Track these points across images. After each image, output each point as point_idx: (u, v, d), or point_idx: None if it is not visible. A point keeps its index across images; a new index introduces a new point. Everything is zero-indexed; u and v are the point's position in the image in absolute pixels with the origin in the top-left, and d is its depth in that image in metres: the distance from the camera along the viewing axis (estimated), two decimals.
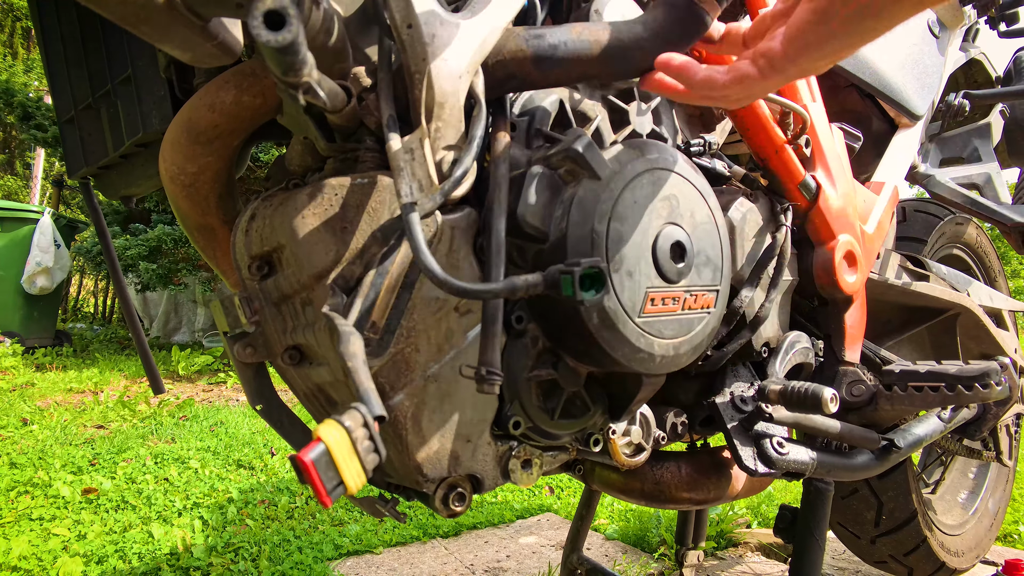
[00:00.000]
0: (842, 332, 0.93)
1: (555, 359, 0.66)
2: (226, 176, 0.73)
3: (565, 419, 0.67)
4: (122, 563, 1.73)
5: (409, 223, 0.52)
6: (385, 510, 0.70)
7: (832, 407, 0.73)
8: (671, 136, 0.82)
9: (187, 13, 0.48)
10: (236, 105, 0.66)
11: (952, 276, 1.29)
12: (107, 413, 3.31)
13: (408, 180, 0.55)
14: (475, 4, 0.61)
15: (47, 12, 0.89)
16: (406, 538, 1.95)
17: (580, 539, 1.41)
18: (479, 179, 0.63)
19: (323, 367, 0.62)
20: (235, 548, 1.81)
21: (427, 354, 0.60)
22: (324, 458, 0.38)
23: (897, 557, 1.40)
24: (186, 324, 6.51)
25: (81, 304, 9.61)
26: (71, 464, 2.43)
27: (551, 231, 0.62)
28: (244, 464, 2.58)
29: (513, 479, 0.66)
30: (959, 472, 1.71)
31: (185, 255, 5.13)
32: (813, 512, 0.96)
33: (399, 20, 0.56)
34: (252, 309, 0.66)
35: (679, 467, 0.87)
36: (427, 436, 0.61)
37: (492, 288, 0.51)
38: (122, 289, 1.12)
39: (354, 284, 0.57)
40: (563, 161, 0.62)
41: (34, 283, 5.24)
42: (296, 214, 0.58)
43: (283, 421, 0.72)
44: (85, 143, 0.91)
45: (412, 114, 0.59)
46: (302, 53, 0.42)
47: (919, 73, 1.20)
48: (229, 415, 3.34)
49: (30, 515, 1.97)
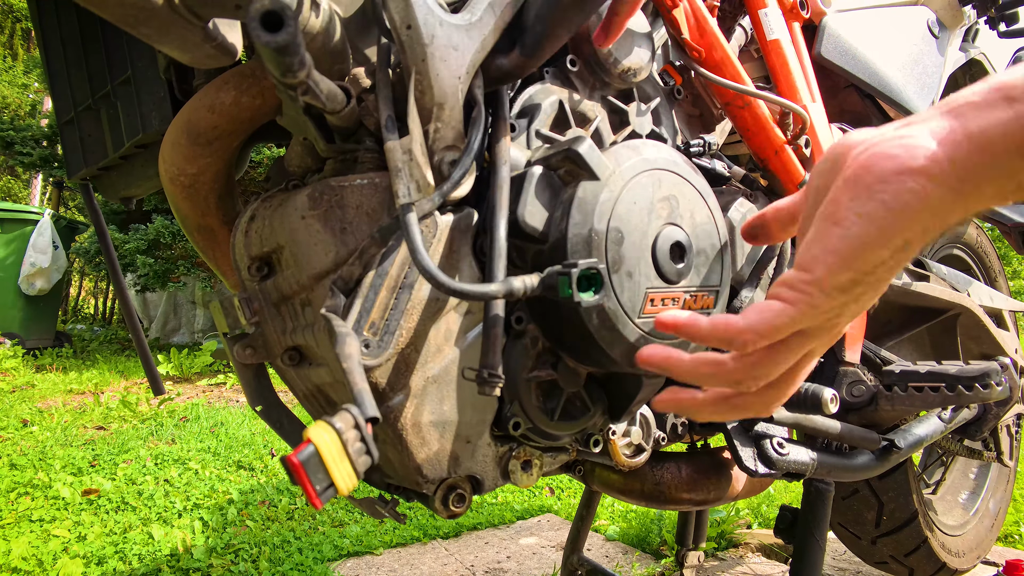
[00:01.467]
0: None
1: (555, 360, 0.66)
2: (226, 177, 0.73)
3: (565, 420, 0.67)
4: (122, 564, 1.73)
5: (407, 224, 0.52)
6: (385, 511, 0.70)
7: (832, 407, 0.72)
8: (671, 137, 0.82)
9: (186, 14, 0.48)
10: (235, 106, 0.66)
11: (952, 276, 1.29)
12: (107, 414, 3.31)
13: (406, 181, 0.55)
14: (473, 5, 0.61)
15: (47, 13, 0.89)
16: (406, 539, 1.95)
17: (580, 540, 1.41)
18: (478, 180, 0.63)
19: (322, 368, 0.62)
20: (235, 549, 1.80)
21: (426, 355, 0.60)
22: (314, 459, 0.38)
23: (898, 558, 1.40)
24: (185, 325, 6.51)
25: (81, 305, 9.61)
26: (71, 465, 2.43)
27: (551, 232, 0.62)
28: (244, 465, 2.58)
29: (513, 480, 0.66)
30: (960, 472, 1.71)
31: (183, 251, 5.14)
32: (813, 513, 0.96)
33: (398, 21, 0.56)
34: (252, 310, 0.66)
35: (679, 468, 0.87)
36: (427, 437, 0.61)
37: (490, 290, 0.51)
38: (122, 290, 1.12)
39: (353, 285, 0.57)
40: (563, 162, 0.62)
41: (31, 284, 5.24)
42: (295, 215, 0.58)
43: (283, 422, 0.72)
44: (85, 144, 0.91)
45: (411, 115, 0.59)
46: (300, 54, 0.42)
47: (919, 73, 1.20)
48: (229, 416, 3.34)
49: (30, 516, 1.97)
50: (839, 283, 0.43)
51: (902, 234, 0.41)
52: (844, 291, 0.44)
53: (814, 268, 0.44)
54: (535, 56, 0.63)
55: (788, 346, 0.47)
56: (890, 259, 0.42)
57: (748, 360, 0.48)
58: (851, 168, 0.44)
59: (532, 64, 0.64)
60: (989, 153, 0.38)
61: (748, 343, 0.47)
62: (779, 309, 0.45)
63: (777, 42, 0.92)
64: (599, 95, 0.76)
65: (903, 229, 0.41)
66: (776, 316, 0.45)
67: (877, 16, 1.15)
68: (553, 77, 0.72)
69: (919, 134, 0.41)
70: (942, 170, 0.39)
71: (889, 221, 0.41)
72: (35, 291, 5.28)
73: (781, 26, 0.93)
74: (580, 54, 0.74)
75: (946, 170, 0.39)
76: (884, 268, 0.43)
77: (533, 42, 0.62)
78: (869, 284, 0.44)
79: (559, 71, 0.72)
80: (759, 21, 0.93)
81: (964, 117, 0.39)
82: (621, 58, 0.73)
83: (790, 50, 0.93)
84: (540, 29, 0.62)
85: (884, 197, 0.41)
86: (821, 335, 0.47)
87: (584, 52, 0.73)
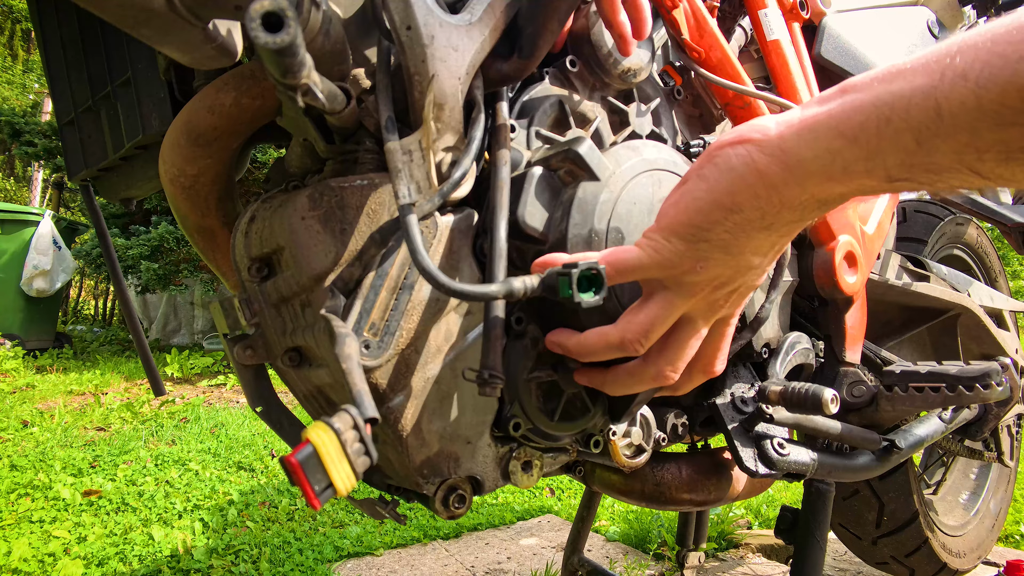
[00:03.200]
0: (842, 333, 0.93)
1: (555, 360, 0.66)
2: (226, 178, 0.73)
3: (565, 421, 0.67)
4: (123, 565, 1.73)
5: (407, 225, 0.52)
6: (385, 512, 0.70)
7: (833, 408, 0.72)
8: (671, 137, 0.82)
9: (187, 15, 0.48)
10: (235, 107, 0.66)
11: (953, 276, 1.29)
12: (108, 415, 3.31)
13: (407, 182, 0.55)
14: (473, 6, 0.61)
15: (47, 15, 0.89)
16: (406, 540, 1.95)
17: (581, 540, 1.41)
18: (478, 180, 0.63)
19: (323, 369, 0.62)
20: (236, 550, 1.80)
21: (426, 356, 0.60)
22: (312, 460, 0.38)
23: (898, 558, 1.40)
24: (185, 326, 6.51)
25: (81, 306, 9.61)
26: (72, 466, 2.43)
27: (551, 232, 0.62)
28: (244, 466, 2.58)
29: (513, 481, 0.66)
30: (960, 473, 1.71)
31: (187, 255, 5.14)
32: (814, 513, 0.96)
33: (398, 22, 0.56)
34: (252, 311, 0.66)
35: (680, 468, 0.87)
36: (427, 438, 0.61)
37: (490, 290, 0.51)
38: (123, 291, 1.12)
39: (353, 286, 0.57)
40: (563, 162, 0.62)
41: (31, 285, 5.25)
42: (295, 216, 0.58)
43: (283, 423, 0.72)
44: (85, 145, 0.91)
45: (411, 116, 0.59)
46: (301, 55, 0.42)
47: None
48: (229, 417, 3.34)
49: (30, 517, 1.97)
50: (677, 232, 0.49)
51: (731, 195, 0.47)
52: (685, 240, 0.49)
53: (661, 218, 0.51)
54: (533, 57, 0.63)
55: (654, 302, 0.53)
56: (725, 220, 0.47)
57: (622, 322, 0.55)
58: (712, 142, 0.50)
59: (530, 65, 0.64)
60: (811, 130, 0.42)
61: (609, 277, 0.52)
62: (628, 249, 0.52)
63: (777, 42, 0.92)
64: (599, 95, 0.76)
65: (731, 191, 0.47)
66: (625, 253, 0.52)
67: (877, 16, 1.15)
68: (553, 77, 0.72)
69: (769, 120, 0.46)
70: (770, 143, 0.45)
71: (717, 180, 0.47)
72: (35, 292, 5.29)
73: (781, 26, 0.93)
74: (580, 54, 0.74)
75: (774, 143, 0.44)
76: (723, 229, 0.48)
77: (528, 42, 0.62)
78: (713, 244, 0.49)
79: (559, 71, 0.72)
80: (759, 21, 0.93)
81: (806, 107, 0.45)
82: (621, 58, 0.73)
83: (790, 50, 0.93)
84: (533, 28, 0.62)
85: (717, 160, 0.48)
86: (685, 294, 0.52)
87: (584, 52, 0.73)
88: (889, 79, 0.39)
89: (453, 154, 0.60)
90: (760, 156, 0.45)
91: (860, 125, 0.39)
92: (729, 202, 0.47)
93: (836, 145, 0.41)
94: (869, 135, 0.39)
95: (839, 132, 0.41)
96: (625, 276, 0.52)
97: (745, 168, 0.45)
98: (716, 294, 0.52)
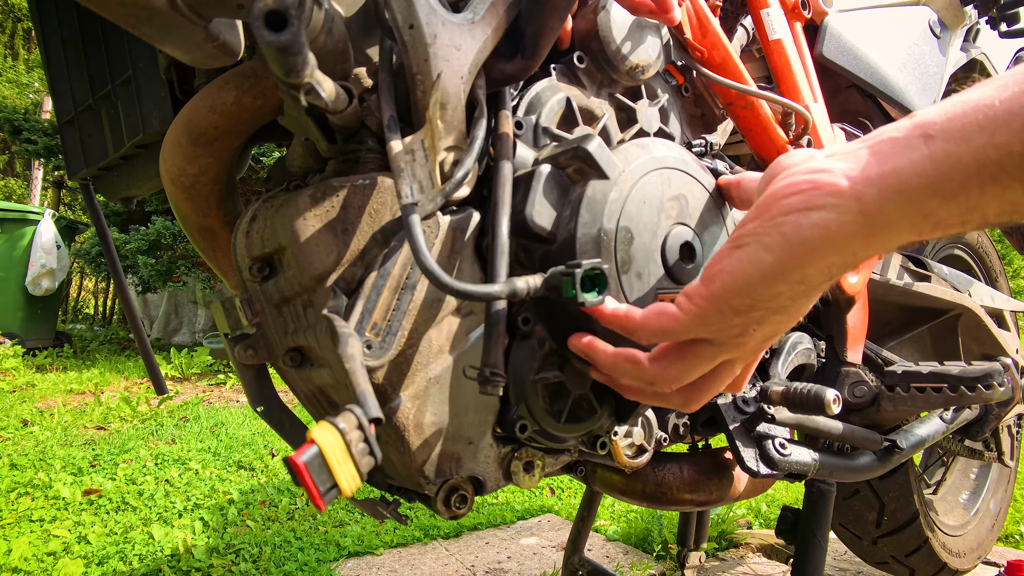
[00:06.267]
0: (844, 333, 0.93)
1: (562, 361, 0.65)
2: (227, 177, 0.73)
3: (572, 422, 0.67)
4: (123, 565, 1.73)
5: (409, 224, 0.52)
6: (386, 512, 0.70)
7: (835, 408, 0.72)
8: (677, 135, 0.82)
9: (188, 14, 0.48)
10: (237, 106, 0.66)
11: (953, 276, 1.29)
12: (107, 414, 3.31)
13: (409, 181, 0.55)
14: (476, 5, 0.61)
15: (47, 13, 0.89)
16: (407, 539, 1.95)
17: (581, 540, 1.41)
18: (481, 180, 0.63)
19: (324, 369, 0.62)
20: (236, 549, 1.80)
21: (429, 356, 0.59)
22: (317, 460, 0.37)
23: (899, 558, 1.40)
24: (186, 325, 6.51)
25: (81, 305, 9.60)
26: (72, 465, 2.42)
27: (559, 231, 0.61)
28: (245, 465, 2.58)
29: (515, 481, 0.66)
30: (961, 473, 1.71)
31: (184, 251, 5.14)
32: (815, 513, 0.96)
33: (401, 21, 0.56)
34: (253, 311, 0.66)
35: (681, 468, 0.87)
36: (429, 438, 0.60)
37: (493, 290, 0.51)
38: (123, 290, 1.12)
39: (355, 286, 0.57)
40: (571, 160, 0.62)
41: (39, 284, 5.24)
42: (297, 216, 0.57)
43: (284, 423, 0.71)
44: (85, 144, 0.90)
45: (413, 115, 0.59)
46: (303, 54, 0.41)
47: (920, 74, 1.20)
48: (230, 416, 3.34)
49: (31, 516, 1.97)
50: (733, 305, 0.44)
51: (801, 269, 0.41)
52: (739, 313, 0.45)
53: (712, 284, 0.45)
54: (535, 56, 0.63)
55: (697, 355, 0.49)
56: (788, 291, 0.43)
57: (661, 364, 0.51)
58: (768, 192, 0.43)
59: (533, 64, 0.64)
60: (900, 192, 0.37)
61: (640, 338, 0.50)
62: (671, 315, 0.48)
63: (779, 42, 0.92)
64: (606, 92, 0.75)
65: (802, 264, 0.41)
66: (667, 321, 0.48)
67: (879, 16, 1.15)
68: (560, 74, 0.72)
69: (835, 169, 0.40)
70: (848, 208, 0.39)
71: (788, 255, 0.41)
72: (42, 291, 5.29)
73: (783, 26, 0.93)
74: (587, 51, 0.73)
75: (852, 208, 0.39)
76: (784, 298, 0.43)
77: (531, 42, 0.62)
78: (769, 310, 0.44)
79: (566, 68, 0.72)
80: (761, 21, 0.93)
81: (881, 154, 0.39)
82: (629, 54, 0.73)
83: (792, 50, 0.93)
84: (534, 27, 0.61)
85: (785, 230, 0.41)
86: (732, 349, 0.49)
87: (591, 49, 0.73)
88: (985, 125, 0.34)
89: (455, 154, 0.60)
90: (838, 225, 0.39)
91: (961, 186, 0.35)
92: (799, 276, 0.42)
93: (930, 206, 0.37)
94: (971, 194, 0.35)
95: (934, 192, 0.36)
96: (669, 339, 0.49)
97: (822, 240, 0.40)
98: (764, 344, 0.49)
